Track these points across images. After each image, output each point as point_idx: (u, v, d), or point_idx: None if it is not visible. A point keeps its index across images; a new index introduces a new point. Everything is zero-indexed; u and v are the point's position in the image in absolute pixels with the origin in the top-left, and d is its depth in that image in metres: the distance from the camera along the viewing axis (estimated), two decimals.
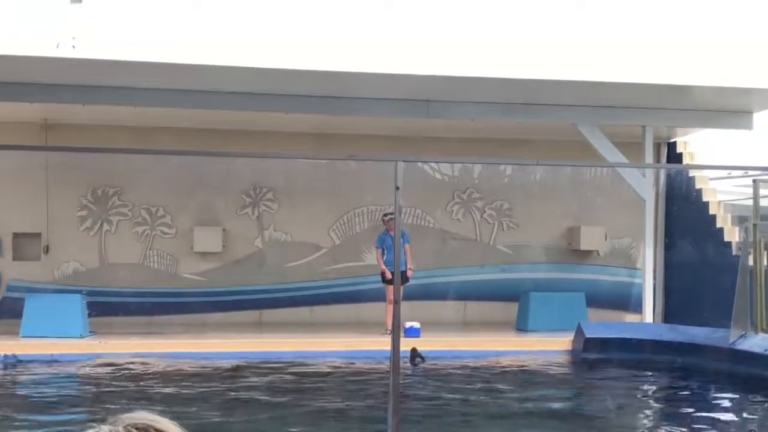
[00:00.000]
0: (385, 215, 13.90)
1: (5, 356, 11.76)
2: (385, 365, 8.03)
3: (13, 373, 11.33)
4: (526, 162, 17.04)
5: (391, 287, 13.62)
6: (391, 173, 4.36)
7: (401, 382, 5.21)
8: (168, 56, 11.13)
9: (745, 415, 9.26)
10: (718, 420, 8.97)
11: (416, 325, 12.71)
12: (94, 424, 1.35)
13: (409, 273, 13.49)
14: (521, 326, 14.62)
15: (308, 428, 8.15)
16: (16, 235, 14.69)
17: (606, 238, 16.20)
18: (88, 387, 10.46)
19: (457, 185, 16.11)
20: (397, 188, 4.08)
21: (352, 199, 15.16)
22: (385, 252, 13.67)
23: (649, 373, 11.63)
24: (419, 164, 14.82)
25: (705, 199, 15.18)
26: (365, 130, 14.45)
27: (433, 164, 15.73)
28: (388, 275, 13.26)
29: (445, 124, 14.00)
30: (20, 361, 11.67)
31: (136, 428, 1.32)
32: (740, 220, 14.34)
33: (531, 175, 15.98)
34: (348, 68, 11.24)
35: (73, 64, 11.15)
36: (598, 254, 16.30)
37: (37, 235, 14.88)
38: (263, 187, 15.56)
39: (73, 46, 11.12)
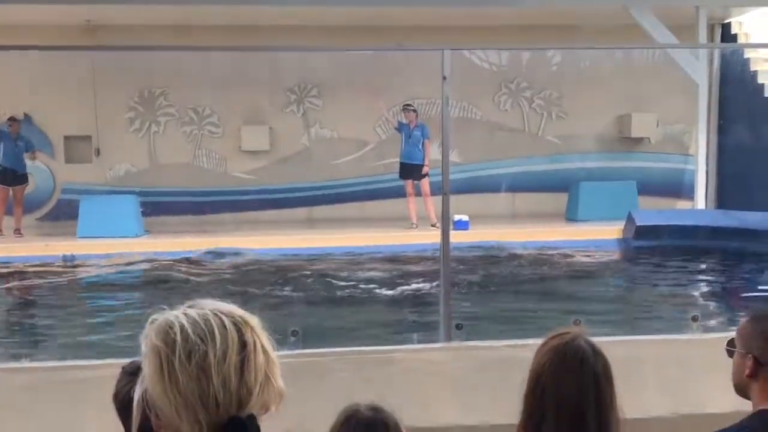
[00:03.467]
0: (405, 106, 13.89)
1: (64, 256, 12.17)
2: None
3: (73, 270, 11.70)
4: (575, 46, 16.71)
5: (408, 181, 13.76)
6: (437, 64, 4.36)
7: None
8: None
9: None
10: None
11: (464, 218, 12.80)
12: (175, 308, 1.47)
13: (425, 169, 13.49)
14: (571, 216, 14.69)
15: (367, 314, 8.38)
16: (67, 138, 14.96)
17: (657, 124, 15.99)
18: (146, 284, 10.80)
19: (505, 75, 15.93)
20: (444, 78, 4.11)
21: (398, 93, 15.10)
22: (403, 143, 13.72)
23: (701, 259, 11.65)
24: (466, 54, 14.61)
25: (761, 81, 14.80)
26: (410, 20, 14.26)
27: (480, 54, 15.51)
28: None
29: (491, 12, 13.77)
30: (74, 262, 12.01)
31: (222, 312, 1.45)
32: None
33: (580, 63, 15.68)
34: None
35: None
36: (650, 141, 16.14)
37: (88, 138, 15.14)
38: (308, 84, 15.56)
39: None
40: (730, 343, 2.40)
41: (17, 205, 13.72)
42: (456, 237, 4.98)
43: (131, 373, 2.38)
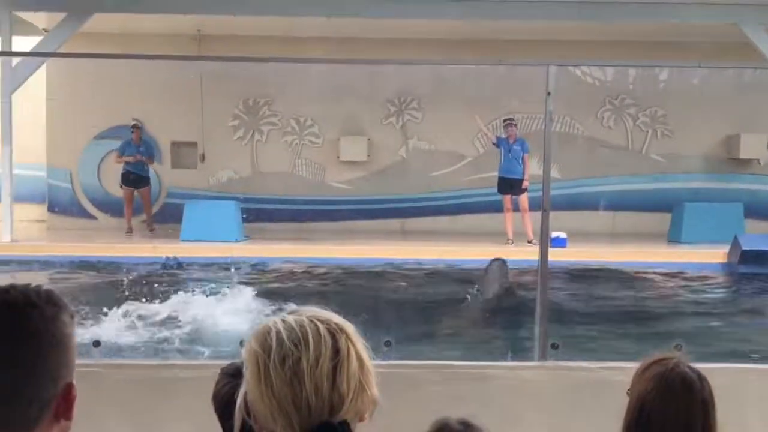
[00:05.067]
0: (506, 120, 13.78)
1: (167, 258, 12.50)
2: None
3: (174, 273, 11.99)
4: (684, 64, 16.33)
5: (507, 196, 13.61)
6: (539, 79, 4.32)
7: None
8: None
9: None
10: None
11: (562, 235, 12.60)
12: (275, 314, 1.51)
13: (525, 184, 13.32)
14: (674, 237, 14.30)
15: (460, 329, 8.35)
16: (174, 144, 15.42)
17: None
18: (246, 288, 10.93)
19: (609, 91, 15.68)
20: (548, 94, 4.07)
21: (497, 108, 15.01)
22: (502, 158, 13.59)
23: None
24: (569, 69, 14.44)
25: None
26: (512, 35, 14.18)
27: (584, 68, 15.31)
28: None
29: (596, 26, 13.58)
30: (180, 264, 12.36)
31: (318, 319, 1.47)
32: None
33: (688, 80, 15.31)
34: None
35: None
36: (759, 163, 15.62)
37: (194, 144, 15.60)
38: (408, 96, 15.64)
39: None
40: None
41: (147, 206, 14.75)
42: (553, 255, 4.91)
43: (230, 375, 2.44)
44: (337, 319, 1.48)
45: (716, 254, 12.53)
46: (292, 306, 1.54)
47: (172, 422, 3.31)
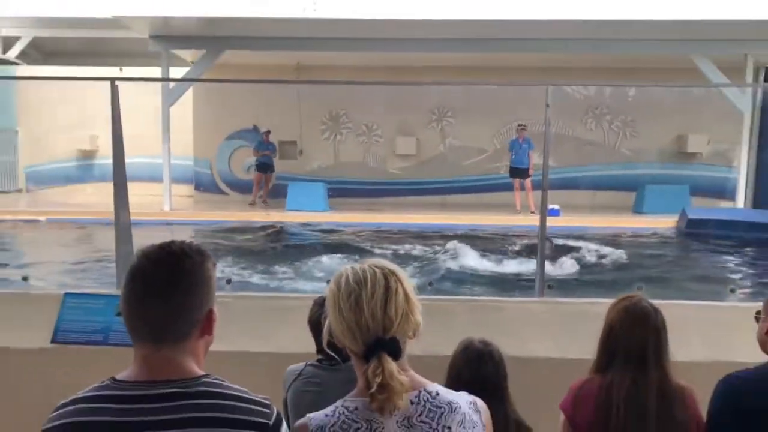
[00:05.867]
0: (519, 125, 13.59)
1: (276, 223, 12.66)
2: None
3: (283, 234, 12.15)
4: (646, 84, 15.88)
5: (516, 180, 13.42)
6: (540, 95, 4.24)
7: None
8: (376, 13, 11.22)
9: None
10: None
11: (556, 207, 12.44)
12: (347, 264, 1.51)
13: (530, 171, 13.14)
14: (638, 210, 14.00)
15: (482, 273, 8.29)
16: (281, 143, 15.53)
17: (708, 142, 14.97)
18: (329, 244, 11.05)
19: (591, 103, 15.31)
20: (547, 106, 3.99)
21: (509, 116, 14.77)
22: (513, 153, 13.41)
23: (739, 246, 10.82)
24: (563, 88, 14.14)
25: None
26: (521, 63, 13.91)
27: (573, 87, 15.01)
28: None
29: (582, 56, 13.24)
30: (283, 228, 12.45)
31: (376, 266, 1.46)
32: None
33: (649, 95, 14.87)
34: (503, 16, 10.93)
35: (313, 22, 11.47)
36: (702, 155, 15.14)
37: (294, 143, 15.69)
38: (445, 107, 15.50)
39: (314, 9, 11.41)
40: (758, 312, 2.26)
41: (267, 186, 14.71)
42: (550, 222, 4.86)
43: (319, 304, 2.45)
44: (390, 265, 1.48)
45: (669, 222, 12.24)
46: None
47: (281, 337, 3.33)
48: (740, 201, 13.20)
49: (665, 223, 12.24)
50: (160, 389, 1.34)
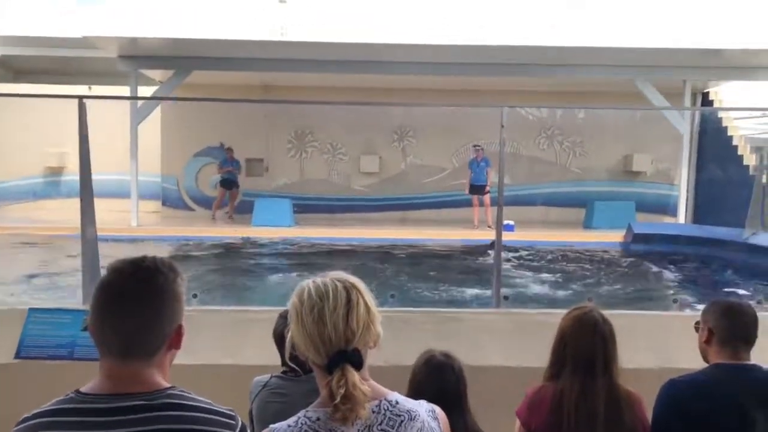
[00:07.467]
0: (474, 146, 13.77)
1: (243, 238, 12.51)
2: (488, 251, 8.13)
3: (248, 249, 12.00)
4: (594, 106, 16.27)
5: (474, 196, 13.60)
6: (496, 116, 4.29)
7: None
8: (342, 37, 11.24)
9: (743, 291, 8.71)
10: (730, 291, 8.52)
11: (511, 222, 12.57)
12: (307, 276, 1.49)
13: (487, 188, 13.31)
14: (587, 225, 14.24)
15: (444, 284, 8.33)
16: (248, 160, 15.38)
17: (652, 162, 15.38)
18: (294, 258, 10.98)
19: (543, 124, 15.60)
20: (503, 126, 4.05)
21: (467, 136, 14.95)
22: (472, 171, 13.59)
23: (681, 258, 11.12)
24: (517, 110, 14.40)
25: (729, 133, 14.07)
26: (478, 86, 14.12)
27: (527, 109, 15.27)
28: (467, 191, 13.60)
29: (535, 80, 13.52)
30: (251, 241, 12.35)
31: (338, 279, 1.44)
32: (756, 149, 13.31)
33: (597, 117, 15.24)
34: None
35: (281, 45, 11.46)
36: (646, 174, 15.54)
37: (261, 160, 15.56)
38: (407, 127, 15.60)
39: (281, 34, 11.40)
40: (697, 323, 2.33)
41: (232, 202, 14.54)
42: (505, 236, 4.92)
43: (285, 317, 2.40)
44: (351, 278, 1.46)
45: (616, 236, 12.48)
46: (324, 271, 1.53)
47: (248, 349, 3.29)
48: (681, 217, 13.56)
49: (613, 237, 12.48)
50: (125, 402, 1.30)
